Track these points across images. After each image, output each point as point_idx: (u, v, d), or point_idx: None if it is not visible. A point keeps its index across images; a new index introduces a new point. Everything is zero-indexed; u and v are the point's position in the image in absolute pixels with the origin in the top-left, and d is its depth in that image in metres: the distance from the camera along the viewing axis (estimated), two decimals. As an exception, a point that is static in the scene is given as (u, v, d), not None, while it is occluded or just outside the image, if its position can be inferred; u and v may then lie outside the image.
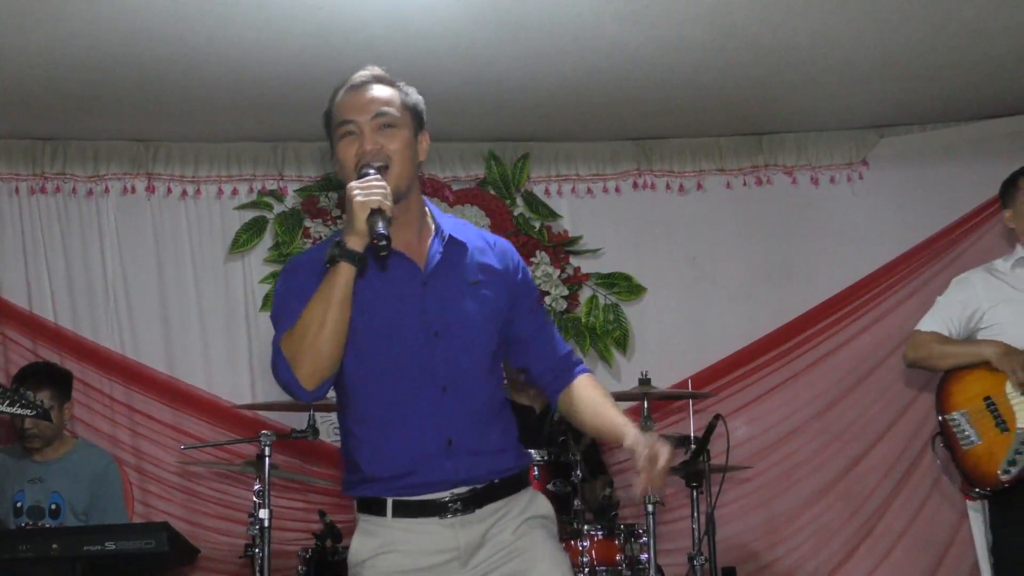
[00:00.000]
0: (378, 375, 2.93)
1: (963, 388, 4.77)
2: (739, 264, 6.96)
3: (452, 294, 2.98)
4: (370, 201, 2.74)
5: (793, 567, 6.61)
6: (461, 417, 2.93)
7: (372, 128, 2.96)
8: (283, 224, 6.76)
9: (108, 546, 4.54)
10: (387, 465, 2.93)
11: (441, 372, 2.93)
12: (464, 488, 2.93)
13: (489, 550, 2.93)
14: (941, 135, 6.91)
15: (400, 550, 2.91)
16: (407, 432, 2.92)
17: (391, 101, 3.02)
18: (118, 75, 5.72)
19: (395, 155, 2.94)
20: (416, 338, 2.92)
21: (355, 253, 2.75)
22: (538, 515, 3.03)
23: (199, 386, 6.61)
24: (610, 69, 5.89)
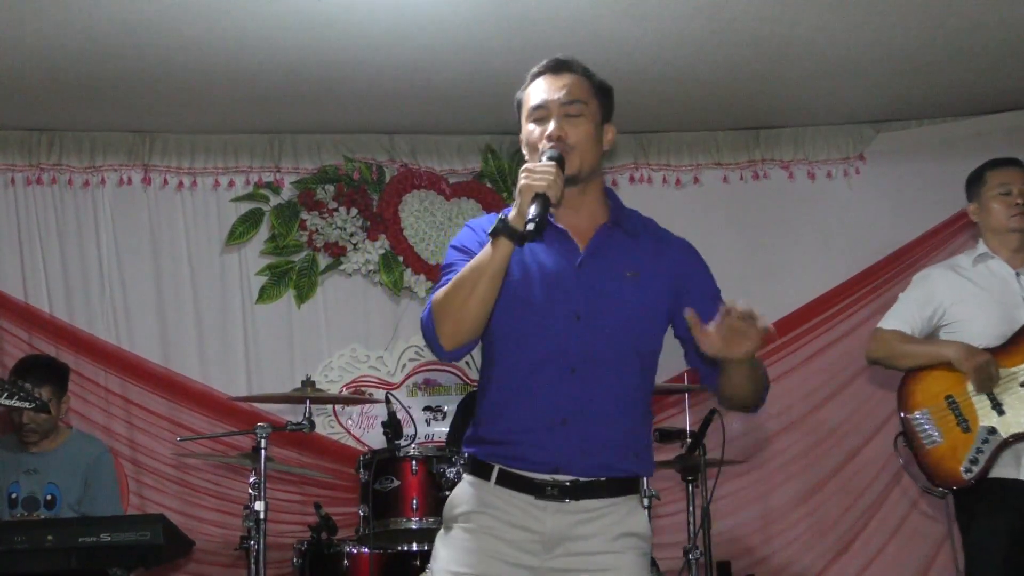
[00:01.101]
0: (515, 343, 2.97)
1: (925, 387, 4.79)
2: (735, 258, 6.93)
3: (604, 280, 3.00)
4: (534, 185, 2.79)
5: (788, 562, 6.62)
6: (582, 401, 2.94)
7: (560, 114, 3.01)
8: (279, 216, 6.75)
9: (103, 538, 4.54)
10: (498, 429, 2.98)
11: (573, 355, 2.94)
12: (566, 476, 2.93)
13: (576, 547, 2.92)
14: (938, 130, 6.91)
15: (492, 515, 2.94)
16: (524, 403, 2.95)
17: (582, 88, 3.07)
18: (115, 66, 5.72)
19: (577, 145, 2.99)
20: (557, 316, 2.95)
21: (515, 231, 2.79)
22: (635, 533, 3.00)
23: (195, 378, 6.60)
24: (607, 63, 5.85)
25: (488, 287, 2.84)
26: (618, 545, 2.96)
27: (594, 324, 2.96)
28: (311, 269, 6.77)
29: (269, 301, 6.74)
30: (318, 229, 6.73)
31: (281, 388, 6.06)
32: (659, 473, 5.86)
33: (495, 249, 2.82)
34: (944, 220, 6.67)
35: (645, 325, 3.03)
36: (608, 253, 3.03)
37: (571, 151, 2.96)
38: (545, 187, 2.79)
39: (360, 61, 5.76)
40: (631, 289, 3.01)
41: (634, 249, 3.07)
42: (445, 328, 2.88)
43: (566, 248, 3.01)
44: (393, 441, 5.48)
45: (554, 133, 2.97)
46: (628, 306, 2.99)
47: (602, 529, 2.95)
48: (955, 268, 4.96)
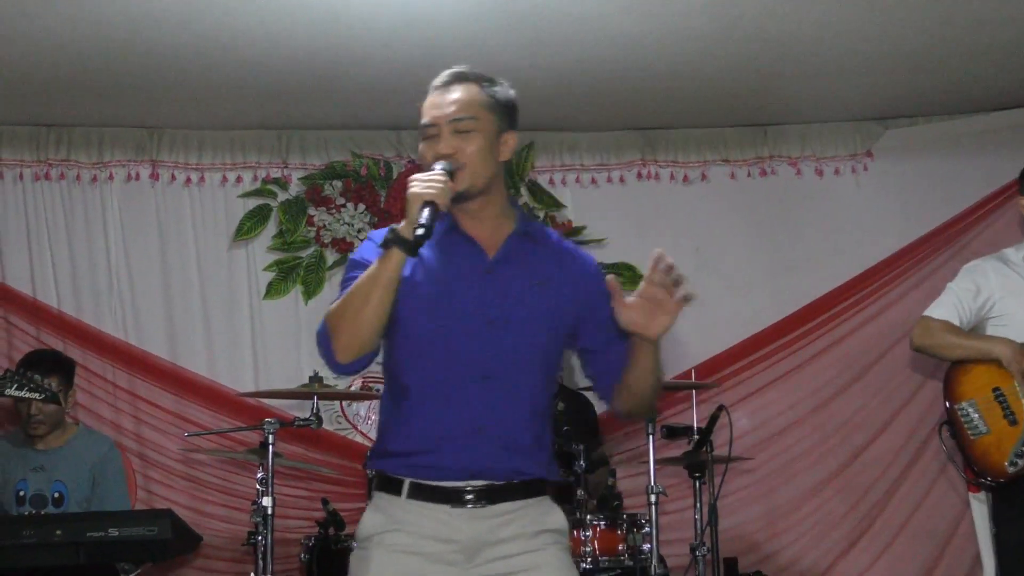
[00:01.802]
0: (423, 353, 2.94)
1: (973, 378, 4.74)
2: (743, 255, 6.95)
3: (514, 287, 2.98)
4: (423, 193, 2.78)
5: (795, 558, 6.62)
6: (497, 408, 2.92)
7: (449, 131, 2.98)
8: (287, 212, 6.76)
9: (111, 532, 4.54)
10: (410, 440, 2.94)
11: (486, 361, 2.92)
12: (481, 481, 2.91)
13: (497, 552, 2.90)
14: (946, 127, 6.90)
15: (408, 531, 2.90)
16: (438, 412, 2.92)
17: (471, 103, 3.03)
18: (123, 61, 5.72)
19: (469, 159, 2.95)
20: (468, 323, 2.93)
21: (405, 240, 2.78)
22: (553, 529, 2.99)
23: (202, 373, 6.61)
24: (615, 59, 5.88)
25: (381, 297, 2.82)
26: (538, 543, 2.94)
27: (506, 330, 2.94)
28: (319, 265, 6.77)
29: (277, 297, 6.75)
30: (326, 225, 6.74)
31: (288, 384, 6.06)
32: (666, 470, 5.86)
33: (387, 259, 2.81)
34: (953, 217, 6.67)
35: (553, 332, 3.03)
36: (517, 260, 3.02)
37: (461, 168, 2.93)
38: (433, 194, 2.78)
39: (367, 57, 5.76)
40: (540, 296, 3.00)
41: (542, 258, 3.06)
42: (340, 341, 2.85)
43: (475, 255, 2.99)
44: (400, 437, 5.47)
45: (442, 152, 2.95)
46: (538, 312, 2.98)
47: (520, 530, 2.93)
48: (1005, 260, 4.90)
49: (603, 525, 5.12)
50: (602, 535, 5.11)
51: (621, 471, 6.05)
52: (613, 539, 5.12)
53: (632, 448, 6.44)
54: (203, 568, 6.33)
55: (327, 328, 2.87)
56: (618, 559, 5.11)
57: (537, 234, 3.10)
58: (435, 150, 2.95)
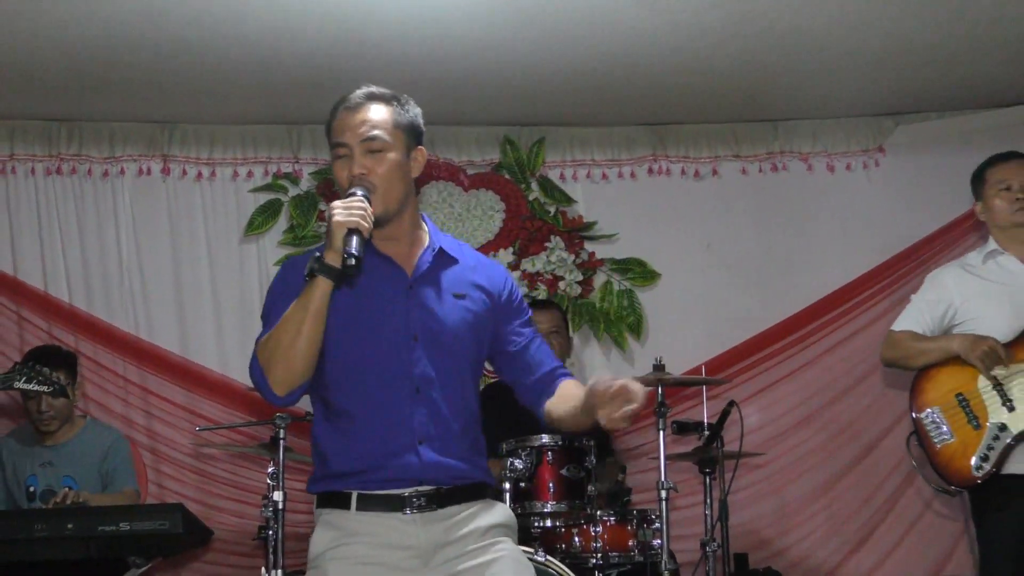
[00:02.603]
0: (354, 373, 2.98)
1: (935, 385, 4.76)
2: (754, 250, 6.95)
3: (435, 302, 3.05)
4: (348, 222, 2.82)
5: (805, 554, 6.62)
6: (432, 419, 2.98)
7: (361, 151, 3.01)
8: (298, 207, 6.77)
9: (123, 526, 4.55)
10: (354, 461, 2.97)
11: (415, 375, 2.98)
12: (428, 487, 2.96)
13: (452, 551, 2.95)
14: (958, 122, 6.89)
15: (362, 541, 2.94)
16: (377, 430, 2.97)
17: (382, 123, 3.05)
18: (135, 56, 5.73)
19: (382, 179, 2.99)
20: (394, 340, 2.99)
21: (332, 268, 2.82)
22: (500, 524, 3.06)
23: (213, 368, 6.62)
24: (626, 54, 5.88)
25: (312, 329, 2.85)
26: (488, 536, 3.01)
27: (432, 343, 3.01)
28: (329, 260, 6.77)
29: (288, 292, 6.74)
30: (337, 220, 6.73)
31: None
32: (676, 465, 5.86)
33: (313, 289, 2.84)
34: (964, 213, 6.64)
35: (476, 342, 3.11)
36: (435, 277, 3.09)
37: (375, 191, 2.96)
38: (357, 222, 2.82)
39: (378, 53, 5.76)
40: (459, 310, 3.07)
41: (457, 271, 3.13)
42: (276, 375, 2.90)
43: (393, 274, 3.04)
44: (411, 432, 5.48)
45: (355, 172, 2.98)
46: (459, 325, 3.05)
47: (471, 530, 2.99)
48: (965, 266, 4.95)
49: (613, 521, 5.12)
50: (612, 531, 5.12)
51: (631, 467, 6.05)
52: (623, 535, 5.12)
53: (643, 444, 6.43)
54: (214, 562, 6.34)
55: (260, 364, 2.92)
56: (628, 555, 5.11)
57: (451, 249, 3.15)
58: (348, 170, 3.00)
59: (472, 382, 3.13)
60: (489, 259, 3.33)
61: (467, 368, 3.09)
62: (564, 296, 6.77)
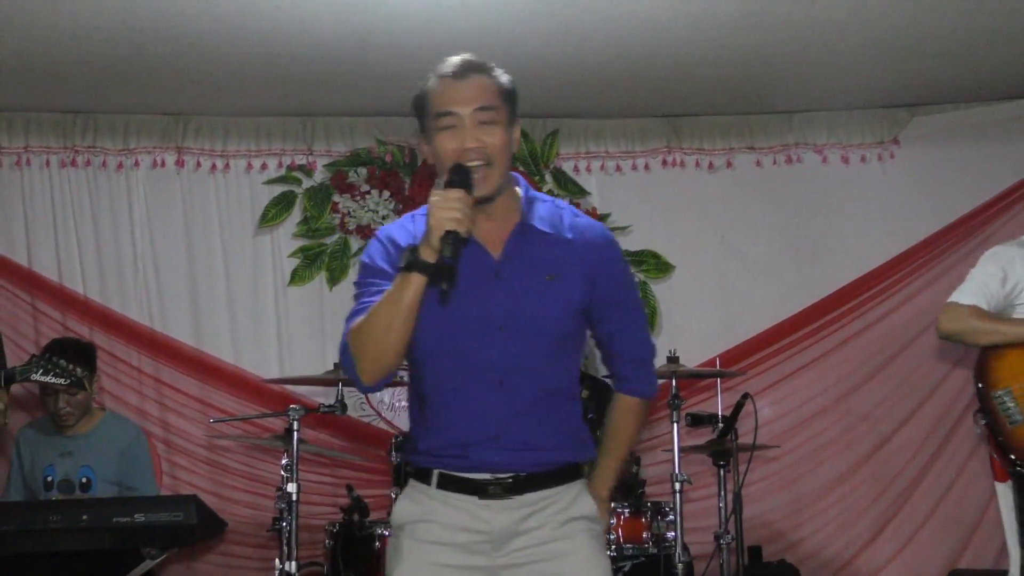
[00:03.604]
0: (440, 361, 2.90)
1: (1007, 365, 4.64)
2: (768, 242, 6.93)
3: (524, 288, 2.91)
4: (445, 224, 2.68)
5: (819, 547, 6.61)
6: (513, 413, 2.89)
7: (473, 122, 2.89)
8: (312, 199, 6.77)
9: (137, 518, 4.56)
10: (435, 443, 2.93)
11: (499, 366, 2.88)
12: (507, 474, 2.90)
13: (525, 541, 2.90)
14: (973, 114, 6.86)
15: (438, 521, 2.90)
16: (458, 420, 2.90)
17: (493, 94, 2.94)
18: (149, 48, 5.73)
19: (496, 153, 2.88)
20: (479, 330, 2.88)
21: (427, 266, 2.71)
22: (583, 516, 2.97)
23: (227, 360, 6.63)
24: (641, 46, 5.87)
25: (404, 322, 2.75)
26: (567, 530, 2.93)
27: (519, 333, 2.88)
28: (343, 252, 6.78)
29: (301, 283, 6.76)
30: (350, 212, 6.74)
31: (313, 370, 6.08)
32: (691, 458, 5.85)
33: (407, 283, 2.73)
34: (979, 205, 6.64)
35: (568, 327, 2.96)
36: (524, 257, 2.93)
37: (492, 167, 2.85)
38: (455, 224, 2.68)
39: (392, 44, 5.76)
40: (552, 293, 2.92)
41: (551, 248, 2.95)
42: (364, 364, 2.81)
43: (480, 259, 2.88)
44: (425, 423, 5.48)
45: (468, 146, 2.85)
46: (551, 311, 2.91)
47: (549, 518, 2.92)
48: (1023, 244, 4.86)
49: (627, 512, 5.13)
50: (626, 522, 5.13)
51: (645, 459, 6.05)
52: (637, 526, 5.13)
53: (657, 436, 6.43)
54: (227, 554, 6.36)
55: (350, 352, 2.83)
56: (642, 547, 5.12)
57: (544, 221, 2.98)
58: (459, 143, 2.86)
59: (565, 362, 2.98)
60: (590, 222, 3.07)
61: (557, 353, 2.95)
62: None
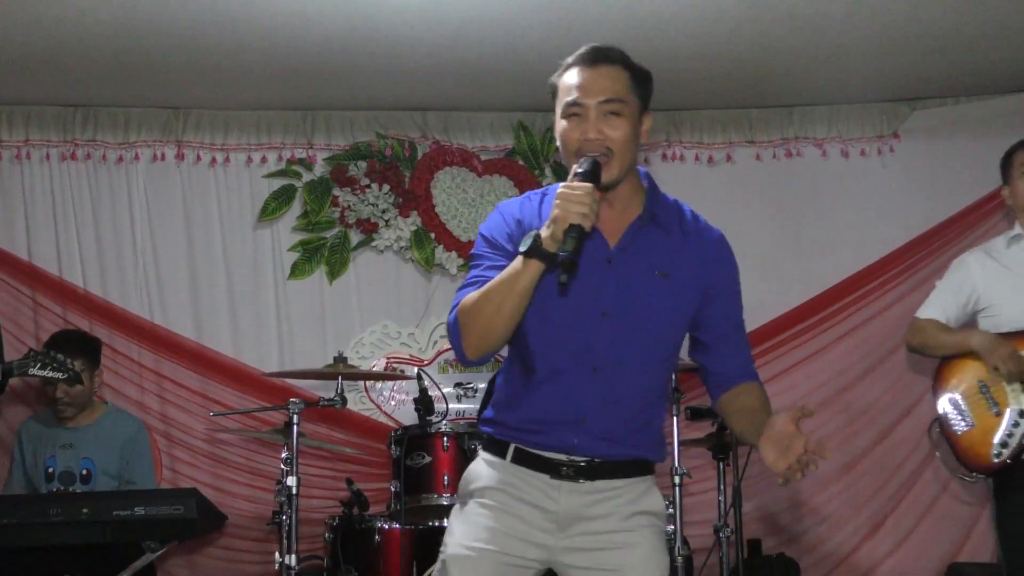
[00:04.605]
0: (541, 338, 2.93)
1: (959, 371, 4.79)
2: (768, 237, 6.93)
3: (634, 279, 2.93)
4: (570, 217, 2.70)
5: (819, 540, 6.61)
6: (603, 402, 2.92)
7: (598, 114, 2.90)
8: (312, 193, 6.76)
9: (137, 511, 4.57)
10: (516, 418, 2.97)
11: (597, 353, 2.90)
12: (582, 458, 2.93)
13: (590, 527, 2.93)
14: (974, 108, 6.86)
15: (508, 492, 2.95)
16: (547, 399, 2.93)
17: (621, 86, 2.95)
18: (150, 42, 5.73)
19: (618, 146, 2.90)
20: (583, 314, 2.90)
21: (548, 255, 2.72)
22: (649, 511, 3.00)
23: (227, 353, 6.63)
24: (641, 40, 5.85)
25: (517, 305, 2.78)
26: (632, 523, 2.96)
27: (621, 323, 2.91)
28: (343, 245, 6.78)
29: (301, 277, 6.76)
30: (350, 205, 6.74)
31: (313, 364, 6.08)
32: (690, 451, 5.86)
33: (526, 268, 2.75)
34: (979, 199, 6.63)
35: (671, 327, 3.00)
36: (639, 250, 2.96)
37: (611, 157, 2.87)
38: (580, 218, 2.70)
39: (393, 37, 5.76)
40: (660, 290, 2.94)
41: (666, 246, 2.99)
42: (471, 340, 2.84)
43: (596, 244, 2.91)
44: (424, 417, 5.50)
45: (590, 136, 2.88)
46: (656, 307, 2.94)
47: (616, 508, 2.95)
48: (989, 251, 4.95)
49: (627, 506, 5.13)
50: (626, 516, 5.12)
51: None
52: (637, 520, 5.12)
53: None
54: (228, 547, 6.36)
55: (459, 324, 2.85)
56: (642, 540, 5.11)
57: (663, 218, 3.02)
58: (582, 132, 2.89)
59: (662, 365, 3.02)
60: (708, 226, 3.13)
61: (658, 351, 2.98)
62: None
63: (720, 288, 3.06)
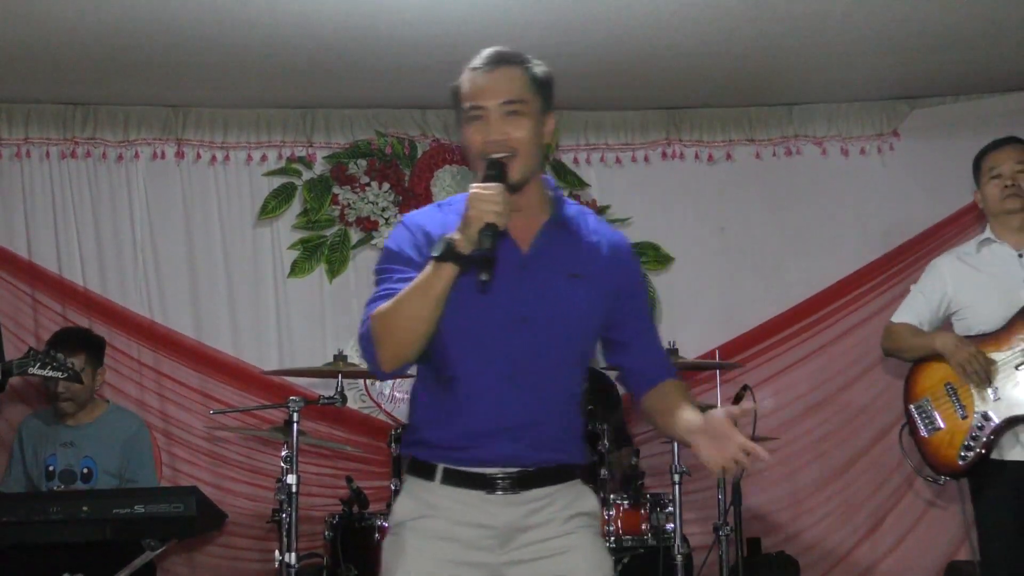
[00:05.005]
0: (455, 349, 2.90)
1: (928, 375, 4.87)
2: (768, 235, 6.93)
3: (549, 283, 2.92)
4: (485, 216, 2.70)
5: (818, 539, 6.62)
6: (526, 407, 2.90)
7: (499, 115, 2.91)
8: (312, 191, 6.77)
9: (137, 509, 4.58)
10: (442, 436, 2.92)
11: (519, 359, 2.88)
12: (514, 468, 2.90)
13: (531, 537, 2.90)
14: (973, 106, 6.86)
15: (443, 516, 2.89)
16: (468, 410, 2.90)
17: (520, 86, 2.96)
18: (149, 40, 5.73)
19: (522, 146, 2.89)
20: (501, 321, 2.88)
21: (462, 256, 2.71)
22: (585, 512, 2.99)
23: (227, 351, 6.64)
24: (641, 38, 5.86)
25: (432, 312, 2.75)
26: (570, 526, 2.94)
27: (541, 327, 2.89)
28: (343, 244, 6.78)
29: (301, 275, 6.76)
30: (350, 204, 6.74)
31: (313, 362, 6.08)
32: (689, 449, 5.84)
33: (440, 273, 2.72)
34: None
35: (587, 327, 2.99)
36: (551, 253, 2.95)
37: (514, 157, 2.86)
38: (495, 216, 2.70)
39: (393, 36, 5.75)
40: (574, 291, 2.94)
41: (576, 248, 3.00)
42: (386, 352, 2.80)
43: (509, 250, 2.88)
44: (424, 415, 5.49)
45: (494, 138, 2.88)
46: (573, 309, 2.93)
47: (553, 515, 2.92)
48: (960, 255, 5.02)
49: (626, 504, 5.14)
50: (625, 514, 5.13)
51: (644, 450, 6.06)
52: (636, 518, 5.13)
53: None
54: (228, 545, 6.37)
55: (372, 337, 2.81)
56: (641, 538, 5.12)
57: (571, 222, 3.03)
58: (484, 135, 2.89)
59: (579, 366, 3.02)
60: (612, 230, 3.16)
61: (575, 352, 2.98)
62: (576, 279, 6.76)
63: (630, 288, 3.09)
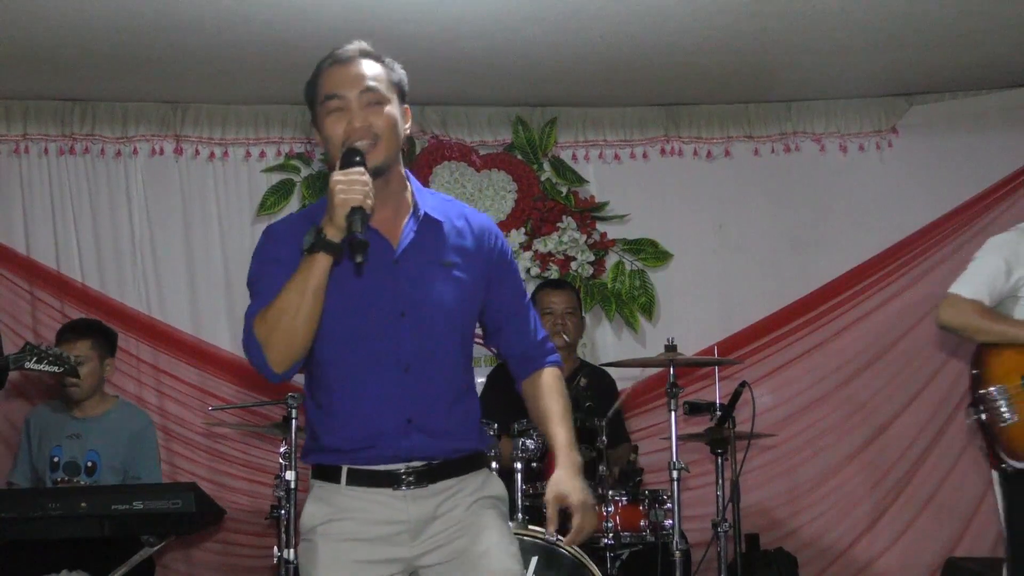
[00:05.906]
0: (342, 350, 2.92)
1: (1001, 362, 4.53)
2: (766, 231, 6.94)
3: (423, 275, 2.96)
4: (351, 199, 2.72)
5: (817, 535, 6.62)
6: (422, 398, 2.93)
7: (361, 104, 2.94)
8: (310, 187, 6.77)
9: (136, 505, 4.58)
10: (344, 438, 2.94)
11: (404, 352, 2.92)
12: (419, 462, 2.93)
13: (441, 525, 2.93)
14: (972, 103, 6.86)
15: (352, 518, 2.91)
16: (366, 409, 2.92)
17: (379, 76, 3.01)
18: (148, 36, 5.73)
19: (384, 131, 2.93)
20: (381, 317, 2.91)
21: (333, 244, 2.73)
22: (491, 495, 3.03)
23: (225, 347, 6.63)
24: (639, 34, 5.86)
25: (312, 306, 2.76)
26: (477, 507, 2.98)
27: (421, 319, 2.93)
28: (342, 241, 6.77)
29: (300, 272, 6.75)
30: (349, 201, 6.74)
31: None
32: (688, 446, 5.86)
33: (314, 264, 2.75)
34: (977, 193, 6.65)
35: (466, 313, 3.03)
36: (422, 246, 2.98)
37: (377, 142, 2.89)
38: (361, 199, 2.72)
39: (391, 32, 5.75)
40: (449, 280, 2.98)
41: (444, 235, 3.03)
42: (275, 353, 2.81)
43: (378, 246, 2.91)
44: (423, 412, 5.49)
45: (358, 124, 2.90)
46: (450, 297, 2.97)
47: (460, 501, 2.96)
48: None
49: (625, 501, 5.14)
50: (624, 511, 5.13)
51: (643, 447, 6.06)
52: (635, 515, 5.14)
53: (654, 424, 6.44)
54: (226, 541, 6.37)
55: (257, 342, 2.83)
56: (640, 535, 5.13)
57: (436, 211, 3.04)
58: (347, 123, 2.91)
59: (464, 352, 3.05)
60: (476, 212, 3.18)
61: (458, 339, 3.01)
62: (576, 276, 6.77)
63: (502, 271, 3.12)
